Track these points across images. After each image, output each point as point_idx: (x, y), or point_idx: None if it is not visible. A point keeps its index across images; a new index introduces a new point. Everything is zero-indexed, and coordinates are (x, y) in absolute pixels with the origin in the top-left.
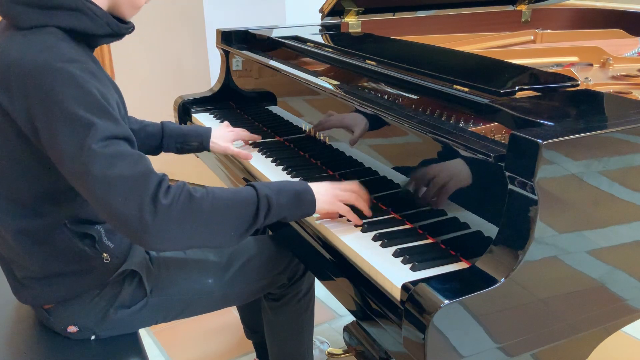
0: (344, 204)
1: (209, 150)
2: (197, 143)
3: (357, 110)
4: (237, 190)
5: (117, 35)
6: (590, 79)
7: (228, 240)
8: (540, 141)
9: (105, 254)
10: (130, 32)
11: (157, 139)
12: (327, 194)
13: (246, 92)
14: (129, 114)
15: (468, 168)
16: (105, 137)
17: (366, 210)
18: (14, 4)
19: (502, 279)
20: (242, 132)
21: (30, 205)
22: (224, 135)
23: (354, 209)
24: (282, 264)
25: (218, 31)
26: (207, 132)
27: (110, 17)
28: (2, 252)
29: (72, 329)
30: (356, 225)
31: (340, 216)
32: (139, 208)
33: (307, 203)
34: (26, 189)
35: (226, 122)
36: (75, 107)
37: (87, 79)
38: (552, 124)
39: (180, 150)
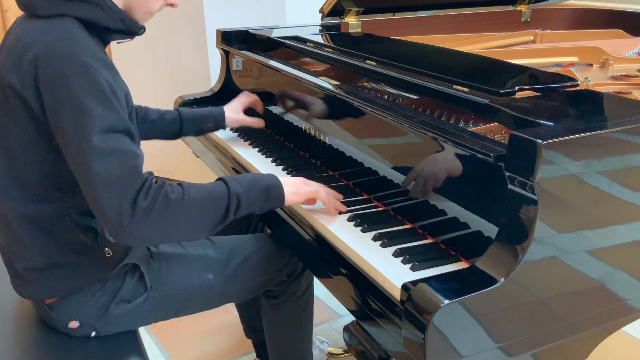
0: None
1: (224, 128)
2: (213, 123)
3: (356, 111)
4: (210, 189)
5: (130, 32)
6: (590, 79)
7: (198, 236)
8: (539, 141)
9: (107, 248)
10: (141, 33)
11: (177, 125)
12: (295, 186)
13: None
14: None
15: (468, 168)
16: (105, 130)
17: (338, 206)
18: None
19: (502, 279)
20: (244, 99)
21: (37, 190)
22: (234, 107)
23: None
24: (281, 261)
25: (218, 31)
26: (220, 111)
27: (124, 14)
28: (3, 244)
29: (74, 324)
30: (340, 213)
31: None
32: (119, 208)
33: (276, 198)
34: (34, 173)
35: (245, 92)
36: (82, 95)
37: (97, 68)
38: (551, 124)
39: (199, 131)
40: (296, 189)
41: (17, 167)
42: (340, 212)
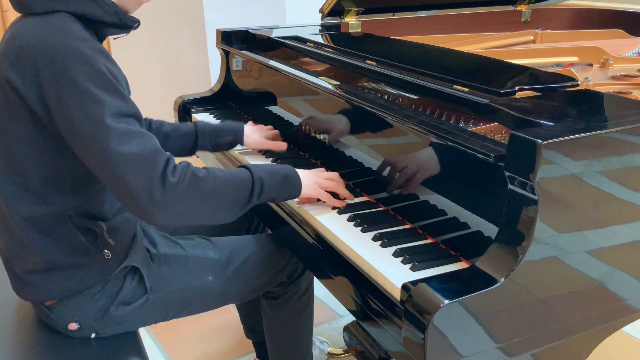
0: (325, 190)
1: (242, 145)
2: (231, 138)
3: (356, 111)
4: (235, 172)
5: (124, 26)
6: (590, 79)
7: (225, 217)
8: (540, 141)
9: (106, 251)
10: (136, 27)
11: (192, 138)
12: (309, 179)
13: (246, 92)
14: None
15: (468, 168)
16: (116, 114)
17: (348, 195)
18: None
19: (502, 279)
20: (270, 134)
21: (37, 191)
22: (256, 130)
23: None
24: (281, 262)
25: (218, 31)
26: (240, 126)
27: (118, 7)
28: (2, 246)
29: (73, 326)
30: (334, 207)
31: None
32: (149, 185)
33: (294, 186)
34: (34, 173)
35: (250, 122)
36: (87, 84)
37: (97, 57)
38: (552, 124)
39: (216, 147)
40: (310, 181)
41: (16, 168)
42: (340, 212)
